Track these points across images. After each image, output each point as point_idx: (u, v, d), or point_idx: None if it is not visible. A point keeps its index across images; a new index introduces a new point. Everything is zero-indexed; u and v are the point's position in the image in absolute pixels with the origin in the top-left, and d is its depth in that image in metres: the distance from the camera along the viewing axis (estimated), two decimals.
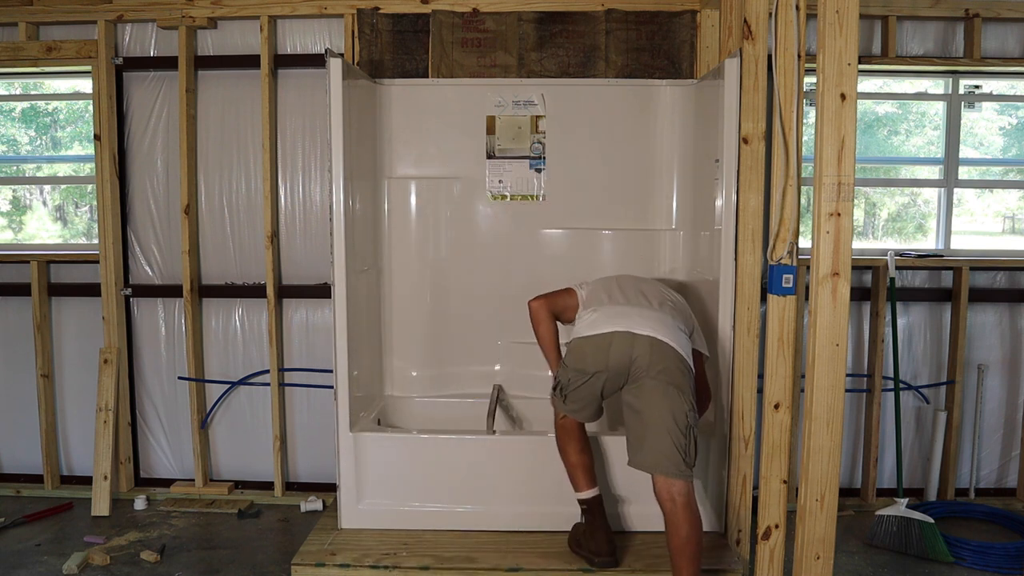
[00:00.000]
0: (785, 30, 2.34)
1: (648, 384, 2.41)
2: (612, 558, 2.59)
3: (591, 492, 2.62)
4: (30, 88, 3.80)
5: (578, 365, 2.54)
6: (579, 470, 2.63)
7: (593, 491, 2.62)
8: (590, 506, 2.62)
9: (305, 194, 3.53)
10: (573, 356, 2.57)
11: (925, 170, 3.66)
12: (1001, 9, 3.34)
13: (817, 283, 2.13)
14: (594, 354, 2.50)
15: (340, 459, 2.90)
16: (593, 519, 2.62)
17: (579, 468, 2.63)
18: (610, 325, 2.51)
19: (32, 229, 3.93)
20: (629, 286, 2.73)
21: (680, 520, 2.32)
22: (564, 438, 2.65)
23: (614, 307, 2.60)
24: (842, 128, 2.07)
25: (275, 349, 3.47)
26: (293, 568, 2.64)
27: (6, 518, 3.29)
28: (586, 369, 2.52)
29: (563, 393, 2.59)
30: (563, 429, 2.65)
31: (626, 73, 3.35)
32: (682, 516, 2.32)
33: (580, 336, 2.57)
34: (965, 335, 3.44)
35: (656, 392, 2.39)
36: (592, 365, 2.51)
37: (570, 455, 2.64)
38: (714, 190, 2.87)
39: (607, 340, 2.48)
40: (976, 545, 2.93)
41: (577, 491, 2.64)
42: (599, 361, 2.49)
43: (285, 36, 3.46)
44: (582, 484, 2.63)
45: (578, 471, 2.63)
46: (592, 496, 2.62)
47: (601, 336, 2.50)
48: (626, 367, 2.46)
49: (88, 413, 3.58)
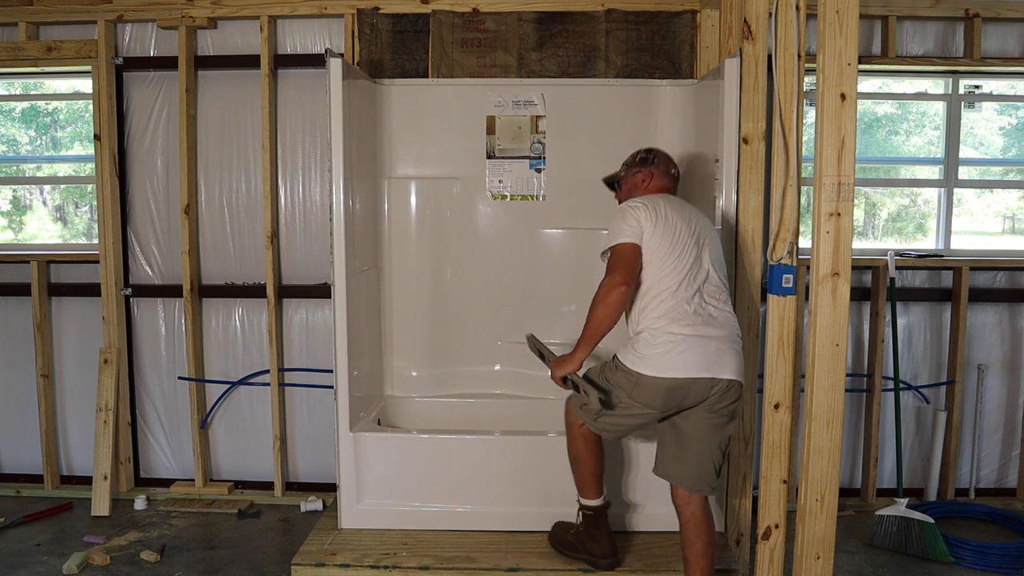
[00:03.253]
0: (785, 30, 2.34)
1: (703, 416, 2.31)
2: (616, 559, 2.60)
3: (601, 500, 2.60)
4: (30, 88, 3.80)
5: (649, 403, 2.30)
6: (594, 479, 2.58)
7: (602, 498, 2.61)
8: (596, 512, 2.60)
9: (305, 194, 3.53)
10: (645, 392, 2.28)
11: (925, 170, 3.66)
12: (1001, 9, 3.34)
13: (817, 283, 2.13)
14: (668, 397, 2.28)
15: (340, 459, 2.90)
16: (598, 523, 2.61)
17: (595, 477, 2.58)
18: (694, 368, 2.23)
19: (32, 229, 3.93)
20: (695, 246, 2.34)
21: (701, 530, 2.33)
22: (583, 446, 2.54)
23: (695, 327, 2.26)
24: (842, 128, 2.07)
25: (275, 349, 3.47)
26: (293, 568, 2.64)
27: (6, 518, 3.29)
28: (653, 407, 2.31)
29: (604, 411, 2.37)
30: (583, 438, 2.53)
31: (626, 73, 3.35)
32: (703, 526, 2.33)
33: (658, 376, 2.25)
34: (965, 335, 3.44)
35: (712, 424, 2.32)
36: (663, 406, 2.30)
37: (588, 464, 2.56)
38: (714, 190, 2.87)
39: (688, 386, 2.25)
40: (976, 545, 2.93)
41: (588, 498, 2.60)
42: (671, 402, 2.29)
43: (285, 36, 3.46)
44: (594, 492, 2.59)
45: (593, 480, 2.58)
46: (601, 504, 2.61)
47: (684, 381, 2.24)
48: (692, 403, 2.31)
49: (88, 413, 3.58)
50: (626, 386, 2.31)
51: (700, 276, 2.33)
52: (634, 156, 2.62)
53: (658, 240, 2.30)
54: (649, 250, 2.31)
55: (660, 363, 2.25)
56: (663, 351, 2.25)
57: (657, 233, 2.31)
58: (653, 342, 2.27)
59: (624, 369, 2.32)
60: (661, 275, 2.30)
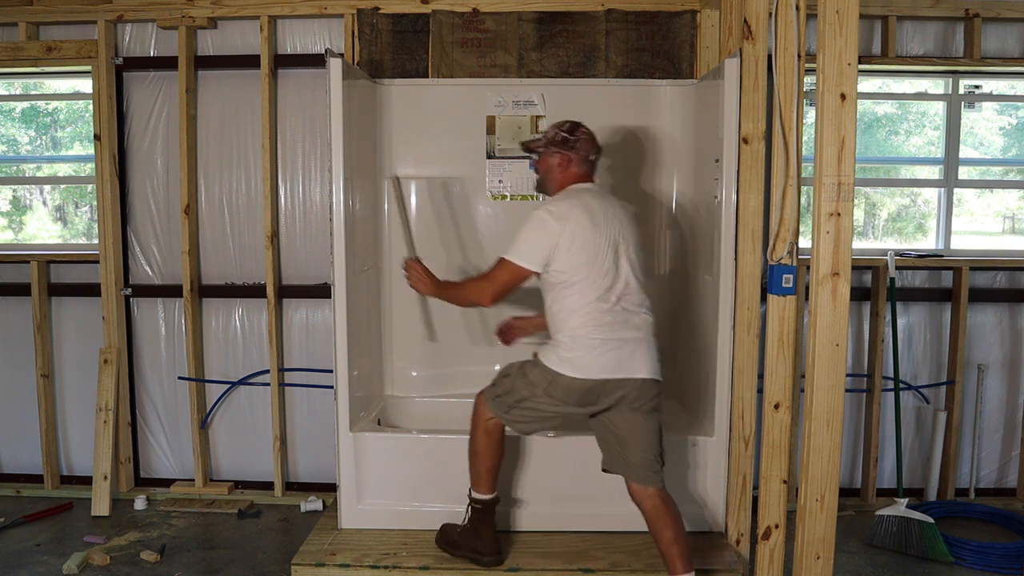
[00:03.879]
0: (785, 30, 2.34)
1: (627, 413, 2.39)
2: (500, 556, 2.62)
3: (492, 495, 2.62)
4: (30, 88, 3.80)
5: (563, 399, 2.40)
6: (490, 473, 2.59)
7: (495, 493, 2.63)
8: (486, 507, 2.61)
9: (305, 194, 3.53)
10: (560, 390, 2.38)
11: (925, 170, 3.66)
12: (1001, 9, 3.34)
13: (817, 283, 2.13)
14: (583, 397, 2.37)
15: (340, 459, 2.89)
16: (485, 519, 2.62)
17: (491, 472, 2.59)
18: (609, 370, 2.34)
19: (32, 229, 3.93)
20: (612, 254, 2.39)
21: (667, 518, 2.37)
22: (484, 441, 2.55)
23: (613, 331, 2.35)
24: (842, 128, 2.08)
25: (275, 349, 3.47)
26: (293, 568, 2.64)
27: (6, 518, 3.29)
28: (568, 404, 2.40)
29: (514, 406, 2.47)
30: (486, 433, 2.55)
31: (626, 73, 3.35)
32: (668, 514, 2.38)
33: (575, 377, 2.35)
34: (965, 335, 3.44)
35: (639, 419, 2.39)
36: (577, 404, 2.40)
37: (487, 459, 2.57)
38: (714, 190, 2.87)
39: (602, 386, 2.35)
40: (976, 545, 2.93)
41: (480, 492, 2.60)
42: (586, 401, 2.39)
43: (285, 36, 3.46)
44: (488, 487, 2.60)
45: (489, 474, 2.59)
46: (492, 499, 2.62)
47: (599, 382, 2.35)
48: (610, 402, 2.38)
49: (88, 413, 3.58)
50: (543, 383, 2.40)
51: (619, 286, 2.40)
52: (556, 132, 2.51)
53: (574, 261, 2.35)
54: (564, 270, 2.36)
55: (578, 365, 2.35)
56: (582, 355, 2.35)
57: (574, 254, 2.34)
58: (573, 346, 2.36)
59: (543, 367, 2.42)
60: (579, 290, 2.36)
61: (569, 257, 2.34)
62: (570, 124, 2.52)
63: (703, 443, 2.86)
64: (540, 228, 2.36)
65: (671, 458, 2.89)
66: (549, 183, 2.55)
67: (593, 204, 2.41)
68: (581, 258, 2.34)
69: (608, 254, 2.37)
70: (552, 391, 2.40)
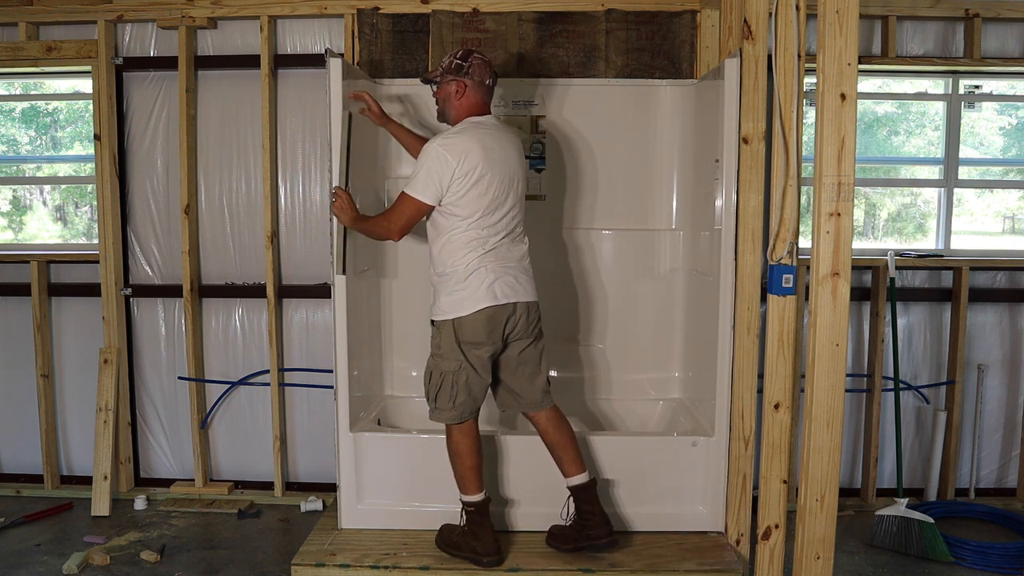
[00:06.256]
0: (785, 30, 2.34)
1: (522, 344, 2.60)
2: (500, 556, 2.62)
3: (481, 495, 2.62)
4: (30, 88, 3.80)
5: (477, 340, 2.51)
6: (474, 473, 2.61)
7: (483, 494, 2.63)
8: (479, 508, 2.61)
9: (305, 194, 3.53)
10: (468, 331, 2.50)
11: (925, 170, 3.66)
12: (1001, 9, 3.34)
13: (817, 283, 2.13)
14: (490, 328, 2.51)
15: (340, 459, 2.89)
16: (481, 520, 2.62)
17: (475, 471, 2.61)
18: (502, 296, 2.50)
19: (32, 229, 3.93)
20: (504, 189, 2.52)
21: (561, 424, 2.66)
22: (460, 439, 2.60)
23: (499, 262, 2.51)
24: (842, 128, 2.08)
25: (275, 349, 3.47)
26: (293, 568, 2.64)
27: (6, 518, 3.29)
28: (483, 343, 2.52)
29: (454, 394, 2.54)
30: (460, 431, 2.60)
31: (626, 73, 3.35)
32: (560, 421, 2.66)
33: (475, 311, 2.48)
34: (965, 335, 3.44)
35: (529, 345, 2.62)
36: (489, 338, 2.52)
37: (467, 458, 2.60)
38: (714, 190, 2.87)
39: (500, 312, 2.50)
40: (976, 545, 2.93)
41: (469, 494, 2.61)
42: (495, 333, 2.53)
43: (285, 36, 3.46)
44: (475, 488, 2.61)
45: (473, 474, 2.61)
46: (483, 499, 2.62)
47: (496, 308, 2.49)
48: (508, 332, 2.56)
49: (88, 413, 3.58)
50: (451, 339, 2.53)
51: (507, 220, 2.55)
52: (450, 61, 2.57)
53: (469, 196, 2.46)
54: (458, 204, 2.47)
55: (472, 298, 2.49)
56: (474, 286, 2.49)
57: (468, 189, 2.46)
58: (462, 281, 2.50)
59: (441, 327, 2.56)
60: (471, 224, 2.49)
61: (463, 192, 2.46)
62: (463, 51, 2.60)
63: (703, 443, 2.86)
64: (437, 162, 2.46)
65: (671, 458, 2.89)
66: (449, 111, 2.62)
67: (489, 140, 2.51)
68: (474, 193, 2.46)
69: (501, 189, 2.50)
70: (463, 337, 2.51)
